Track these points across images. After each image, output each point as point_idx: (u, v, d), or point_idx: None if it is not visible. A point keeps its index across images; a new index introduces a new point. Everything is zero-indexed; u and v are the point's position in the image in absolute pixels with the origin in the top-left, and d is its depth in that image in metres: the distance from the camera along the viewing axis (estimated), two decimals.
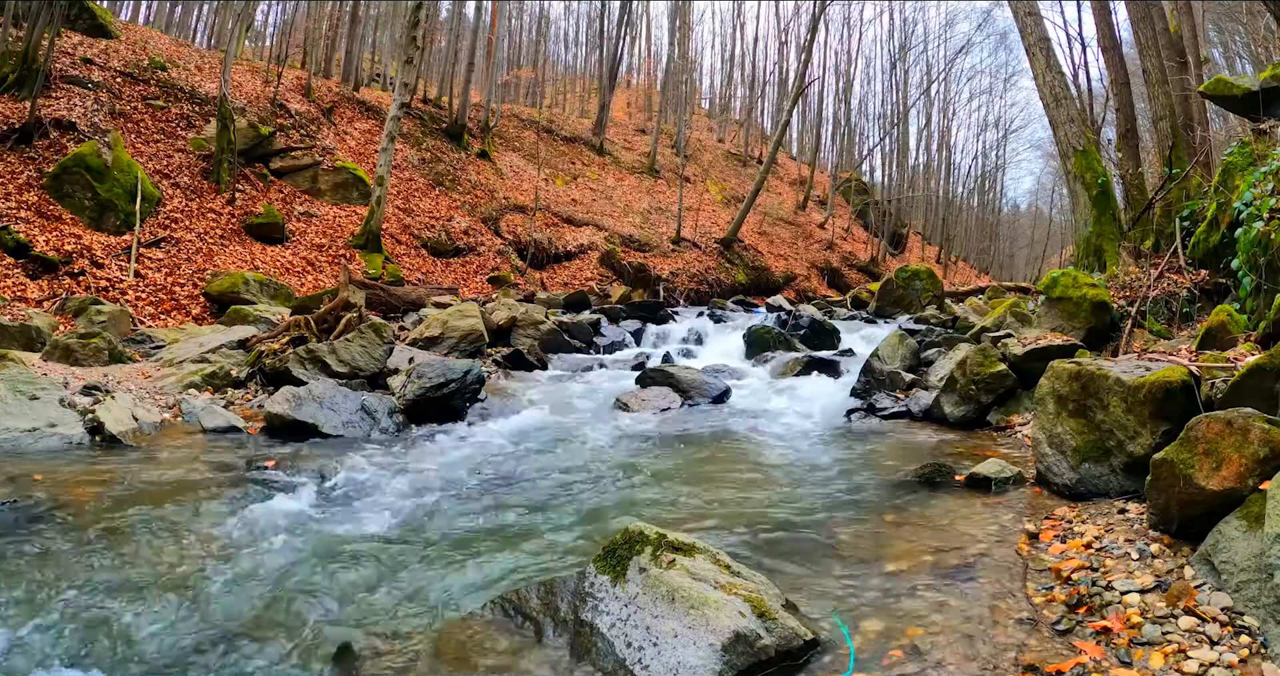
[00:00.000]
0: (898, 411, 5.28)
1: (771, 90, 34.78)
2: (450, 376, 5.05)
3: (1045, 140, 40.45)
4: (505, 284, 14.45)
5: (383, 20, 26.53)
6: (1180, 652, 1.89)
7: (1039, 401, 3.50)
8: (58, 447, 3.89)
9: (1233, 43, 21.64)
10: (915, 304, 12.01)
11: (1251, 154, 5.87)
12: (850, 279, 23.88)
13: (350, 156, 15.34)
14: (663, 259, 18.77)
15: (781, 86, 31.99)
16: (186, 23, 25.42)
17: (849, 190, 31.30)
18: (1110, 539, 2.61)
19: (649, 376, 6.17)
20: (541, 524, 3.10)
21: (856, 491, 3.52)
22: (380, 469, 3.77)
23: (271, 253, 11.27)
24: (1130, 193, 9.70)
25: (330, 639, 2.12)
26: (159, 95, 12.91)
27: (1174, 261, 6.37)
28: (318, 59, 20.99)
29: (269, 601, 2.34)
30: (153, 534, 2.78)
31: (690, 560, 2.14)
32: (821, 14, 23.05)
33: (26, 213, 8.79)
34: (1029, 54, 9.55)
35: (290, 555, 2.67)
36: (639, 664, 1.89)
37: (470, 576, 2.55)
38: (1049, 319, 5.94)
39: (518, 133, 22.35)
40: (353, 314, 6.14)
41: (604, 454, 4.30)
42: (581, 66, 38.10)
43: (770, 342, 8.05)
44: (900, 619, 2.18)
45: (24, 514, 2.89)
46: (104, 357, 5.91)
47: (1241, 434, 2.27)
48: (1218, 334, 4.49)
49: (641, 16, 36.67)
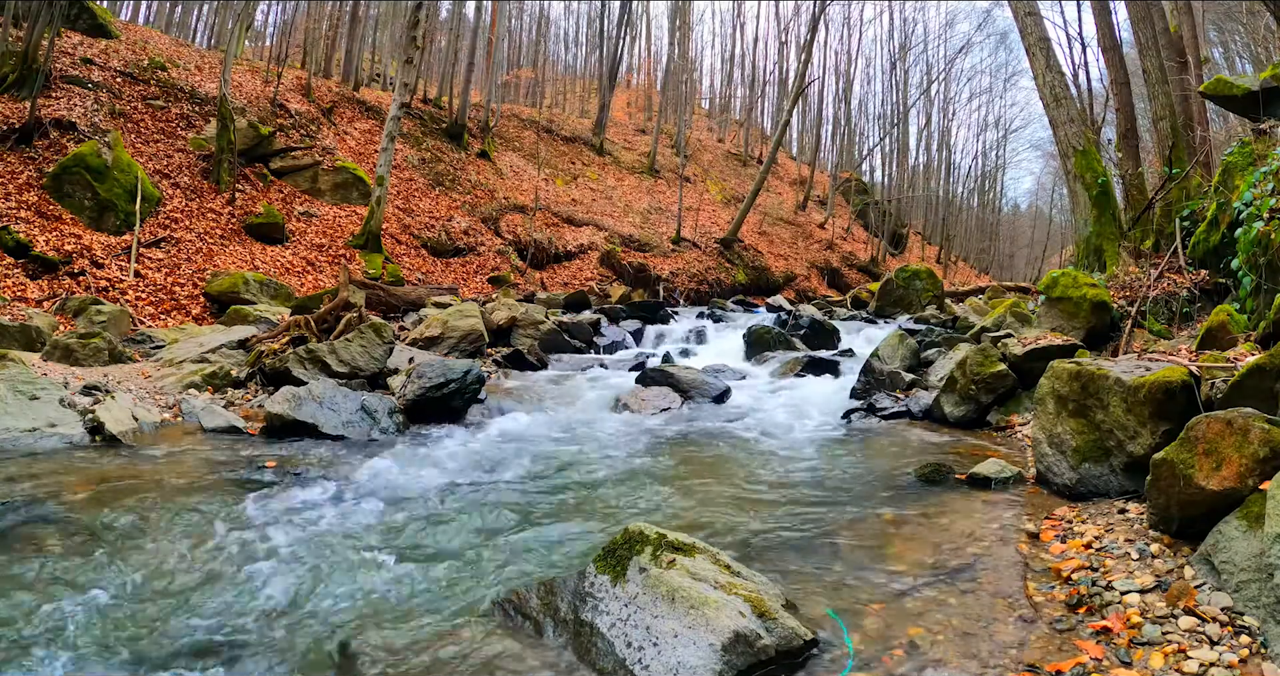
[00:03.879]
0: (898, 411, 5.28)
1: (771, 90, 34.82)
2: (450, 376, 5.05)
3: (1045, 140, 40.53)
4: (505, 284, 14.45)
5: (383, 20, 26.54)
6: (1180, 652, 1.89)
7: (1039, 401, 3.50)
8: (58, 447, 3.89)
9: (1233, 43, 21.64)
10: (915, 304, 12.01)
11: (1251, 154, 5.87)
12: (850, 279, 23.88)
13: (350, 156, 15.34)
14: (663, 259, 18.77)
15: (781, 86, 31.99)
16: (186, 23, 25.41)
17: (849, 190, 31.30)
18: (1110, 539, 2.61)
19: (649, 376, 6.17)
20: (541, 524, 3.10)
21: (856, 491, 3.52)
22: (380, 469, 3.77)
23: (271, 253, 11.27)
24: (1130, 193, 9.69)
25: (329, 639, 2.12)
26: (159, 95, 12.91)
27: (1174, 261, 6.36)
28: (318, 59, 20.99)
29: (268, 601, 2.34)
30: (152, 534, 2.78)
31: (690, 560, 2.14)
32: (821, 14, 23.05)
33: (26, 213, 8.79)
34: (1029, 54, 9.55)
35: (290, 555, 2.67)
36: (639, 664, 1.89)
37: (470, 576, 2.55)
38: (1049, 319, 5.94)
39: (518, 133, 22.34)
40: (353, 314, 6.14)
41: (604, 454, 4.30)
42: (581, 66, 38.11)
43: (770, 342, 8.05)
44: (900, 618, 2.18)
45: (24, 514, 2.89)
46: (104, 357, 5.90)
47: (1241, 434, 2.27)
48: (1218, 334, 4.49)
49: (641, 16, 36.71)
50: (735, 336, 8.76)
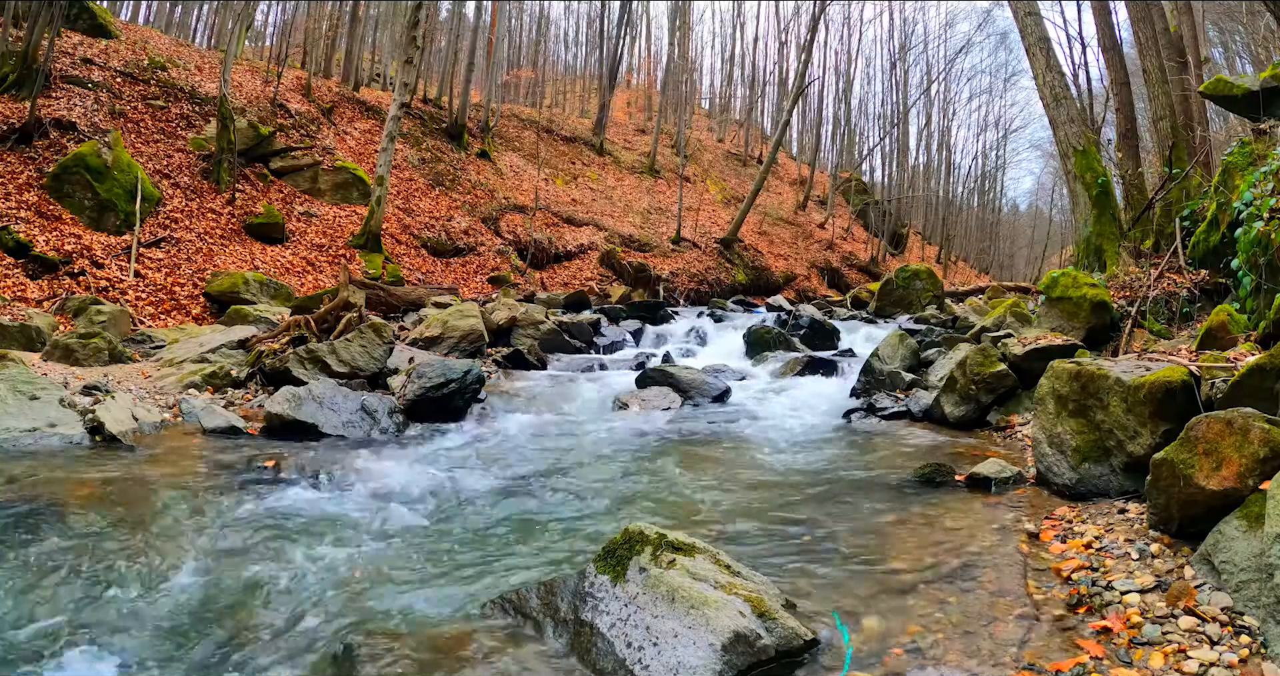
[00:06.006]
0: (898, 411, 5.28)
1: (771, 90, 34.80)
2: (450, 376, 5.05)
3: (1045, 140, 40.47)
4: (505, 284, 14.45)
5: (383, 20, 26.52)
6: (1180, 652, 1.89)
7: (1039, 401, 3.50)
8: (58, 447, 3.89)
9: (1233, 43, 21.64)
10: (915, 304, 12.01)
11: (1251, 154, 5.87)
12: (850, 279, 23.88)
13: (350, 156, 15.34)
14: (663, 259, 18.77)
15: (781, 86, 31.98)
16: (186, 23, 25.41)
17: (849, 190, 31.29)
18: (1110, 538, 2.62)
19: (649, 376, 6.17)
20: (541, 523, 3.10)
21: (856, 491, 3.52)
22: (380, 469, 3.77)
23: (271, 253, 11.27)
24: (1130, 193, 9.69)
25: (329, 639, 2.12)
26: (159, 95, 12.91)
27: (1174, 261, 6.36)
28: (318, 59, 20.98)
29: (268, 600, 2.34)
30: (152, 534, 2.78)
31: (690, 560, 2.14)
32: (821, 14, 23.05)
33: (26, 213, 8.79)
34: (1029, 54, 9.55)
35: (289, 555, 2.67)
36: (639, 664, 1.89)
37: (470, 576, 2.55)
38: (1049, 319, 5.93)
39: (518, 133, 22.34)
40: (353, 314, 6.14)
41: (604, 453, 4.30)
42: (581, 66, 38.08)
43: (770, 342, 8.05)
44: (901, 617, 2.18)
45: (23, 514, 2.89)
46: (104, 357, 5.90)
47: (1241, 434, 2.27)
48: (1218, 334, 4.49)
49: (641, 16, 36.70)
50: (735, 336, 8.76)
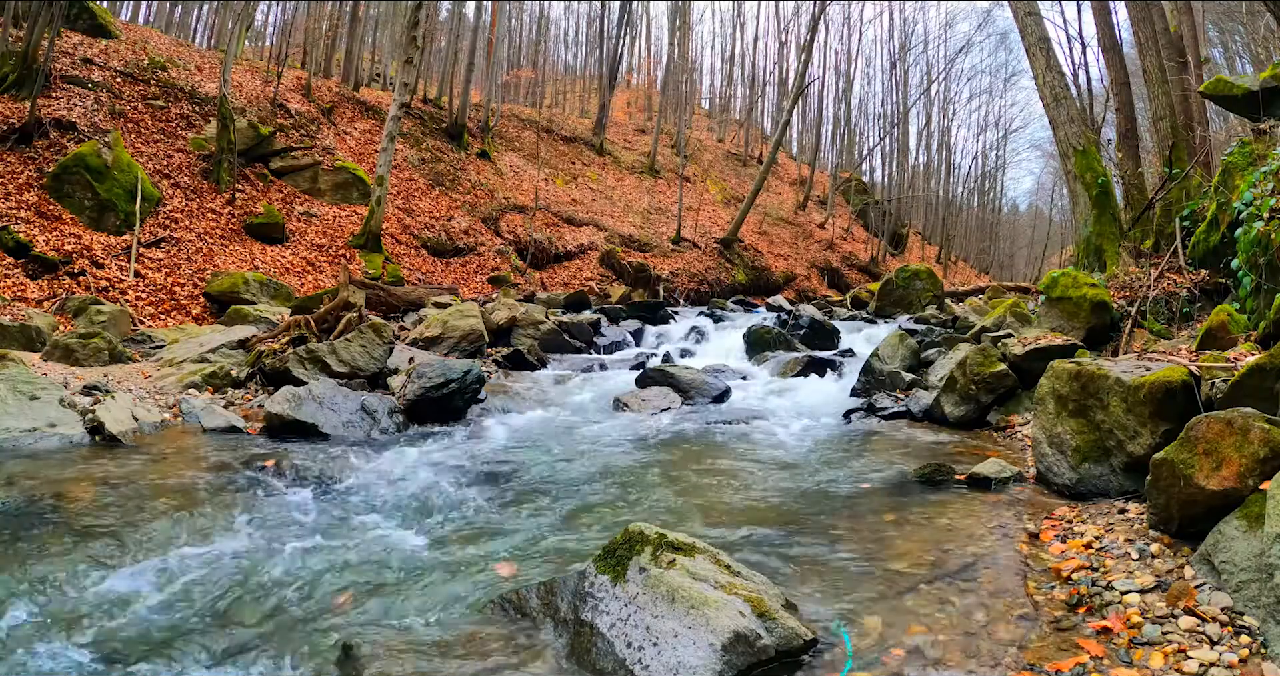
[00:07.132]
0: (898, 411, 5.28)
1: (771, 90, 34.81)
2: (450, 376, 5.05)
3: (1045, 140, 40.48)
4: (505, 284, 14.45)
5: (383, 20, 26.52)
6: (1180, 652, 1.89)
7: (1039, 401, 3.50)
8: (58, 447, 3.89)
9: (1233, 43, 21.64)
10: (915, 304, 12.01)
11: (1251, 154, 5.87)
12: (850, 279, 23.88)
13: (350, 156, 15.33)
14: (663, 259, 18.77)
15: (781, 86, 31.98)
16: (186, 23, 25.41)
17: (849, 190, 31.29)
18: (1110, 538, 2.62)
19: (649, 376, 6.17)
20: (541, 523, 3.10)
21: (856, 491, 3.52)
22: (380, 469, 3.77)
23: (271, 253, 11.27)
24: (1130, 193, 9.69)
25: (330, 639, 2.12)
26: (159, 95, 12.91)
27: (1174, 261, 6.36)
28: (318, 59, 20.98)
29: (268, 600, 2.34)
30: (152, 534, 2.78)
31: (690, 560, 2.14)
32: (821, 14, 23.05)
33: (26, 213, 8.79)
34: (1029, 54, 9.55)
35: (289, 555, 2.67)
36: (639, 664, 1.89)
37: (470, 576, 2.55)
38: (1049, 319, 5.93)
39: (518, 133, 22.34)
40: (353, 314, 6.13)
41: (603, 454, 4.30)
42: (581, 66, 38.08)
43: (770, 342, 8.05)
44: (901, 617, 2.18)
45: (23, 514, 2.89)
46: (104, 357, 5.90)
47: (1241, 434, 2.27)
48: (1218, 334, 4.49)
49: (641, 16, 36.71)
50: (735, 336, 8.76)
